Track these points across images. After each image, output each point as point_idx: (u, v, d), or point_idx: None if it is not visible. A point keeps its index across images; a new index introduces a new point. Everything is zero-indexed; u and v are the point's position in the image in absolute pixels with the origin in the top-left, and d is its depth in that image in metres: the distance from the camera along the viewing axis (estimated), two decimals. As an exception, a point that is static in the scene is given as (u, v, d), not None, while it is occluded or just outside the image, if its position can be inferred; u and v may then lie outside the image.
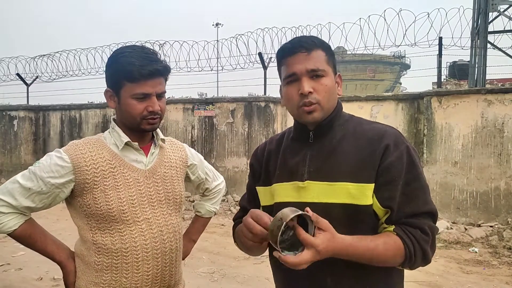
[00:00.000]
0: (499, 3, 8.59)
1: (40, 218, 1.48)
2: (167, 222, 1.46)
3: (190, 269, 4.21)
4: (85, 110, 9.85)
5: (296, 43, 1.18)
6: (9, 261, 4.62)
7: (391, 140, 1.14)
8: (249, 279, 4.15)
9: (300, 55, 1.16)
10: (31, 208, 1.35)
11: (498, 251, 5.16)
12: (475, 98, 6.21)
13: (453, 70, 10.41)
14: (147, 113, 1.37)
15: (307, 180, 1.17)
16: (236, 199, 7.83)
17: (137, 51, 1.37)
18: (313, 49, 1.16)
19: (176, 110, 8.68)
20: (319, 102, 1.15)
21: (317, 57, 1.16)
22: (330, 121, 1.20)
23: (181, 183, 1.56)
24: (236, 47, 8.82)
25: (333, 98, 1.19)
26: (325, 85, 1.16)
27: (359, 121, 1.25)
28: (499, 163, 6.08)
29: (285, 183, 1.22)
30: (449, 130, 6.37)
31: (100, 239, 1.37)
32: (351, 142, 1.17)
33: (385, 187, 1.11)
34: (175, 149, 1.59)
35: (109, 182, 1.36)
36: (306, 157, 1.20)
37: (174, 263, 1.48)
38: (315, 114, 1.16)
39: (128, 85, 1.34)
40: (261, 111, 8.00)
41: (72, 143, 1.41)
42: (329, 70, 1.18)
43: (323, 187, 1.15)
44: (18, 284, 4.05)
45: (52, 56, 10.22)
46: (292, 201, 1.17)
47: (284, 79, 1.21)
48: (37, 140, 10.37)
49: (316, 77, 1.15)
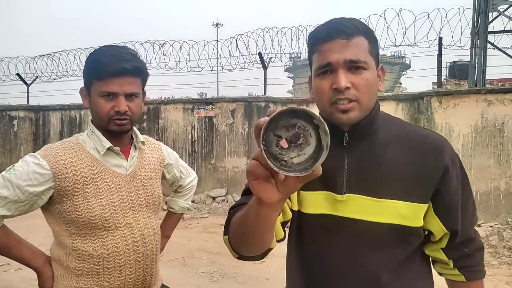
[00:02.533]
0: (499, 3, 8.58)
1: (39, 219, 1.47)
2: (148, 225, 1.44)
3: (190, 269, 4.21)
4: (85, 110, 9.82)
5: (334, 27, 0.97)
6: (9, 261, 4.60)
7: (449, 157, 1.02)
8: (249, 279, 4.15)
9: (338, 41, 0.96)
10: (6, 216, 1.30)
11: (498, 251, 5.16)
12: (475, 98, 6.21)
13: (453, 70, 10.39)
14: (114, 113, 1.31)
15: (347, 194, 1.01)
16: (236, 199, 7.81)
17: (111, 49, 1.33)
18: (354, 35, 0.96)
19: (176, 110, 8.67)
20: (358, 100, 0.96)
21: (359, 46, 0.96)
22: (369, 122, 1.02)
23: (159, 184, 1.54)
24: (236, 47, 8.80)
25: (374, 95, 1.01)
26: (366, 80, 0.96)
27: (399, 122, 1.10)
28: (499, 163, 6.08)
29: (317, 192, 1.04)
30: (449, 130, 6.37)
31: (80, 245, 1.33)
32: (397, 150, 1.01)
33: (449, 211, 1.03)
34: (152, 149, 1.55)
35: (90, 189, 1.31)
36: (344, 164, 1.03)
37: (155, 264, 1.48)
38: (351, 114, 0.97)
39: (96, 82, 1.31)
40: (261, 111, 7.99)
41: (49, 147, 1.34)
42: (371, 61, 0.99)
43: (367, 202, 0.99)
44: (17, 284, 4.05)
45: (52, 56, 10.21)
46: (326, 213, 1.03)
47: (316, 69, 1.00)
48: (37, 140, 10.37)
49: (355, 69, 0.96)
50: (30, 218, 1.37)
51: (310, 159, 0.71)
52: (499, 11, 8.64)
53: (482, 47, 8.37)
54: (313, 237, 1.08)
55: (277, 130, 0.71)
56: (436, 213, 1.03)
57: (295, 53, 9.22)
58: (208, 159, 8.26)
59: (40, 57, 10.38)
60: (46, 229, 1.49)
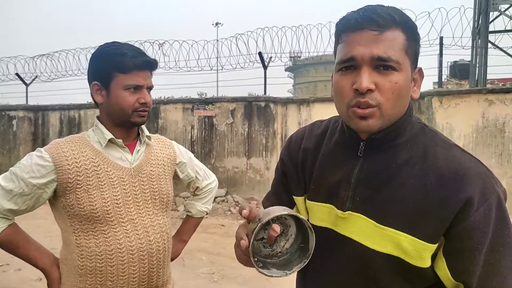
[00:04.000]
0: (500, 3, 8.57)
1: (39, 219, 1.46)
2: (153, 222, 1.41)
3: (190, 270, 4.19)
4: (84, 110, 9.82)
5: (365, 15, 0.81)
6: (8, 262, 4.58)
7: (476, 189, 0.79)
8: (249, 280, 4.13)
9: (367, 33, 0.80)
10: (14, 211, 1.31)
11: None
12: (476, 98, 6.20)
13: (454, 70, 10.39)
14: (139, 105, 1.35)
15: (348, 211, 0.89)
16: (236, 199, 7.80)
17: (126, 44, 1.37)
18: (389, 28, 0.80)
19: (176, 110, 8.65)
20: (380, 106, 0.81)
21: (391, 40, 0.80)
22: (392, 134, 0.87)
23: (169, 181, 1.52)
24: (236, 47, 8.82)
25: (402, 102, 0.85)
26: (394, 83, 0.81)
27: (433, 139, 0.89)
28: (500, 163, 6.06)
29: (321, 204, 0.94)
30: (450, 130, 6.35)
31: (83, 241, 1.33)
32: (416, 173, 0.84)
33: (461, 255, 0.79)
34: (162, 146, 1.54)
35: (92, 182, 1.31)
36: (351, 177, 0.90)
37: (162, 264, 1.44)
38: (370, 121, 0.83)
39: (120, 76, 1.32)
40: (261, 111, 7.97)
41: (54, 142, 1.37)
42: (406, 61, 0.83)
43: (368, 225, 0.86)
44: (17, 284, 4.03)
45: (51, 56, 10.19)
46: (328, 227, 0.92)
47: (338, 63, 0.86)
48: (36, 140, 10.34)
49: (384, 68, 0.81)
50: (29, 218, 1.36)
51: (297, 236, 0.82)
52: (500, 11, 8.63)
53: (483, 46, 8.36)
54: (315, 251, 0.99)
55: (258, 236, 0.78)
56: (444, 254, 0.81)
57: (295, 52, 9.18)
58: (207, 159, 8.24)
59: (39, 57, 10.36)
60: (46, 229, 1.48)
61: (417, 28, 0.86)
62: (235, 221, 6.71)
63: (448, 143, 0.89)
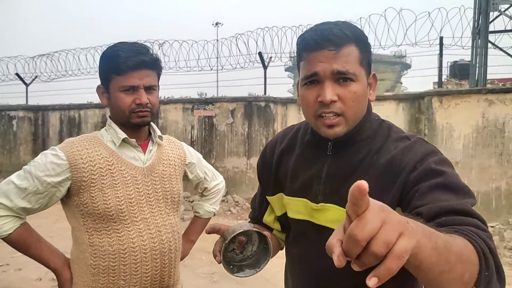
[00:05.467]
0: (500, 3, 8.56)
1: (40, 218, 1.46)
2: (165, 222, 1.43)
3: (190, 270, 4.19)
4: (84, 110, 9.83)
5: (322, 35, 0.92)
6: (9, 262, 4.59)
7: (417, 157, 0.91)
8: (248, 280, 4.12)
9: (326, 51, 0.91)
10: (27, 209, 1.31)
11: (499, 252, 5.15)
12: (476, 98, 6.20)
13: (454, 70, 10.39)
14: (135, 106, 1.34)
15: (321, 203, 1.01)
16: (236, 199, 7.81)
17: (126, 45, 1.36)
18: (344, 45, 0.91)
19: (176, 110, 8.66)
20: (344, 114, 0.94)
21: (347, 56, 0.91)
22: (354, 134, 0.99)
23: (180, 181, 1.53)
24: (236, 47, 8.81)
25: (362, 107, 0.97)
26: (354, 93, 0.92)
27: (388, 132, 1.02)
28: (500, 163, 6.07)
29: (297, 199, 1.07)
30: (450, 130, 6.35)
31: (97, 240, 1.33)
32: (374, 162, 0.96)
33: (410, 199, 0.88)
34: (173, 147, 1.56)
35: (106, 180, 1.32)
36: (322, 173, 1.02)
37: (173, 264, 1.45)
38: (337, 129, 0.95)
39: (116, 78, 1.33)
40: (261, 111, 7.98)
41: (68, 141, 1.37)
42: (362, 72, 0.94)
43: (339, 213, 0.97)
44: (17, 284, 4.03)
45: (51, 56, 10.20)
46: (305, 219, 1.05)
47: (303, 79, 0.97)
48: (36, 140, 10.35)
49: (343, 81, 0.92)
50: (31, 217, 1.36)
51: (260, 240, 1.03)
52: (500, 11, 8.63)
53: (483, 46, 8.36)
54: (296, 241, 1.13)
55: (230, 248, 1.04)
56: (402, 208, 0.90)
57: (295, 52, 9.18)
58: (207, 159, 8.24)
59: (39, 57, 10.37)
60: (48, 228, 1.49)
61: (367, 39, 0.98)
62: (235, 221, 6.72)
63: (400, 134, 1.01)
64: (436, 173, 0.88)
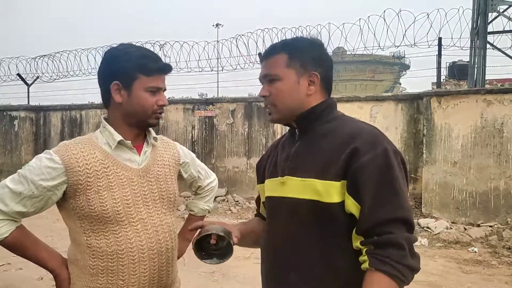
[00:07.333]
0: (499, 4, 8.59)
1: (40, 219, 1.49)
2: (162, 222, 1.44)
3: (190, 269, 4.21)
4: (85, 110, 9.86)
5: (263, 53, 1.31)
6: (10, 261, 4.61)
7: (363, 141, 1.12)
8: (249, 279, 4.16)
9: (262, 63, 1.27)
10: (23, 213, 1.30)
11: (498, 251, 5.17)
12: (475, 98, 6.22)
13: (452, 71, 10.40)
14: (157, 107, 1.39)
15: (286, 176, 1.22)
16: (236, 199, 7.84)
17: (145, 49, 1.42)
18: (270, 55, 1.25)
19: (177, 110, 8.69)
20: (274, 105, 1.24)
21: (273, 62, 1.23)
22: (310, 119, 1.23)
23: (175, 181, 1.55)
24: (236, 48, 8.82)
25: (292, 99, 1.22)
26: (277, 88, 1.22)
27: (347, 120, 1.25)
28: (499, 163, 6.09)
29: (273, 179, 1.28)
30: (448, 130, 6.38)
31: (94, 242, 1.34)
32: (328, 140, 1.18)
33: (357, 189, 1.09)
34: (167, 147, 1.57)
35: (102, 183, 1.32)
36: (290, 153, 1.25)
37: (171, 263, 1.47)
38: (273, 116, 1.27)
39: (143, 78, 1.34)
40: (261, 111, 8.01)
41: (63, 144, 1.37)
42: (289, 72, 1.21)
43: (297, 183, 1.18)
44: (18, 284, 4.06)
45: (53, 56, 10.24)
46: (274, 195, 1.26)
47: None
48: (37, 140, 10.38)
49: (270, 81, 1.23)
50: (32, 217, 1.37)
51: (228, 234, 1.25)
52: (498, 12, 8.65)
53: (482, 47, 8.39)
54: (268, 218, 1.34)
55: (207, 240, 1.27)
56: (349, 193, 1.10)
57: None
58: (208, 159, 8.28)
59: (41, 57, 10.41)
60: (48, 228, 1.51)
61: (301, 46, 1.25)
62: (236, 221, 6.75)
63: (355, 121, 1.24)
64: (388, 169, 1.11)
